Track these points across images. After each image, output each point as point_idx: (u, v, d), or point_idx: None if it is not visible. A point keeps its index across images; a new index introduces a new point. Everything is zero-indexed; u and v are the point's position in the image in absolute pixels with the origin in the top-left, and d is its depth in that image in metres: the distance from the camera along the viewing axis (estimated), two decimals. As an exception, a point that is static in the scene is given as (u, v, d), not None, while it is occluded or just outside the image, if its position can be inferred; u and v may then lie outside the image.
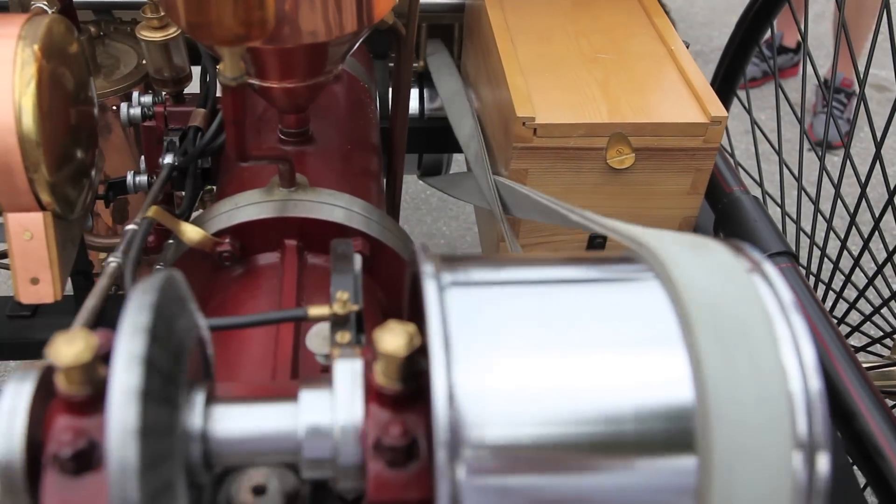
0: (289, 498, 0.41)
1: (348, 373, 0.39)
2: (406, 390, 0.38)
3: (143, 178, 0.91)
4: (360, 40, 0.71)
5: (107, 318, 1.00)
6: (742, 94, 1.37)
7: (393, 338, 0.37)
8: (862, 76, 1.03)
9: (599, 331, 0.38)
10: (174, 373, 0.37)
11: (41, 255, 0.69)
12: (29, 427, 0.36)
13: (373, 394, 0.38)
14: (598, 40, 0.97)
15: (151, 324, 0.35)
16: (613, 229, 0.48)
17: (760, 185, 1.34)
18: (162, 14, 0.85)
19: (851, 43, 1.10)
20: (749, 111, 1.33)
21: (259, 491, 0.41)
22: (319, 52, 0.67)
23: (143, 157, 0.94)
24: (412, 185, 2.17)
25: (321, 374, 0.54)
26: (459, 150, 1.07)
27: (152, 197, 0.75)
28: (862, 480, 0.75)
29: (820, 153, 1.26)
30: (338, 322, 0.51)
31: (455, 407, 0.35)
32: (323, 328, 0.53)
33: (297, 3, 0.62)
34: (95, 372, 0.36)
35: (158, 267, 0.75)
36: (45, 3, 0.91)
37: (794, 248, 1.18)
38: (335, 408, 0.38)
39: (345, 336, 0.50)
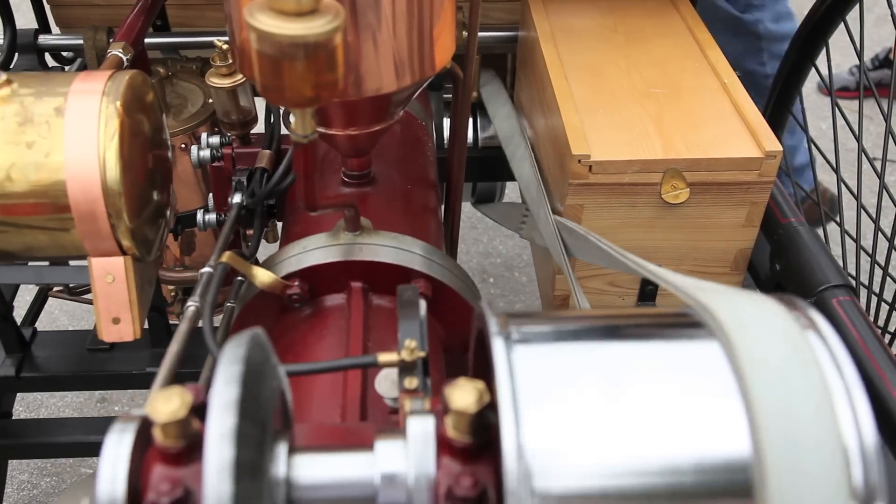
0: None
1: (420, 426, 0.41)
2: (476, 443, 0.40)
3: (212, 217, 0.95)
4: (421, 87, 0.74)
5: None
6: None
7: (463, 395, 0.39)
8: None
9: (660, 386, 0.40)
10: (263, 420, 0.40)
11: (122, 297, 0.73)
12: (129, 474, 0.40)
13: (444, 446, 0.41)
14: (650, 74, 0.99)
15: (243, 373, 0.38)
16: (670, 282, 0.49)
17: (818, 205, 1.34)
18: (230, 62, 0.89)
19: None
20: (805, 129, 1.33)
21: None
22: (382, 103, 0.70)
23: (211, 196, 0.99)
24: (467, 203, 2.21)
25: (390, 417, 0.57)
26: (513, 178, 1.10)
27: (224, 237, 0.78)
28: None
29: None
30: (406, 368, 0.53)
31: (523, 460, 0.37)
32: (391, 372, 0.56)
33: (360, 58, 0.65)
34: (190, 426, 0.39)
35: (230, 304, 0.79)
36: (121, 50, 0.97)
37: (856, 266, 1.17)
38: (409, 458, 0.41)
39: (412, 381, 0.53)
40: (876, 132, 2.31)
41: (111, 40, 1.03)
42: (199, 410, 0.41)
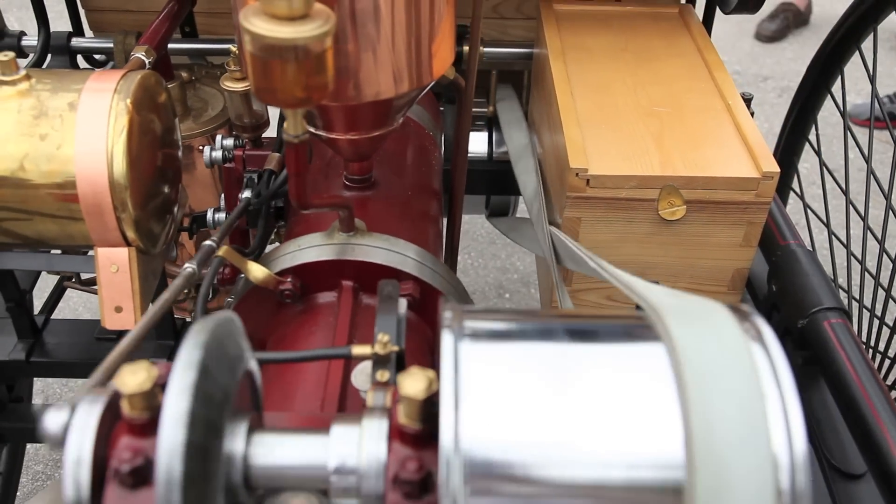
0: (320, 521, 0.45)
1: (375, 412, 0.43)
2: (426, 429, 0.42)
3: (221, 215, 0.98)
4: (420, 95, 0.76)
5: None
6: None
7: (413, 382, 0.41)
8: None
9: (602, 386, 0.41)
10: (221, 402, 0.42)
11: (125, 287, 0.76)
12: (96, 443, 0.42)
13: (396, 432, 0.42)
14: (656, 93, 1.00)
15: (202, 359, 0.40)
16: (629, 287, 0.51)
17: (827, 225, 1.34)
18: (244, 66, 0.92)
19: None
20: (818, 152, 1.33)
21: (295, 513, 0.45)
22: (381, 108, 0.72)
23: (222, 196, 1.02)
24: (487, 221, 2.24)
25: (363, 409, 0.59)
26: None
27: (227, 226, 0.81)
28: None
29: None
30: (379, 361, 0.55)
31: (459, 448, 0.38)
32: (367, 366, 0.58)
33: (360, 65, 0.67)
34: (155, 399, 0.42)
35: (230, 299, 0.82)
36: (143, 53, 1.00)
37: (860, 288, 1.17)
38: (362, 443, 0.42)
39: (384, 375, 0.55)
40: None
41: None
42: (165, 386, 0.43)
